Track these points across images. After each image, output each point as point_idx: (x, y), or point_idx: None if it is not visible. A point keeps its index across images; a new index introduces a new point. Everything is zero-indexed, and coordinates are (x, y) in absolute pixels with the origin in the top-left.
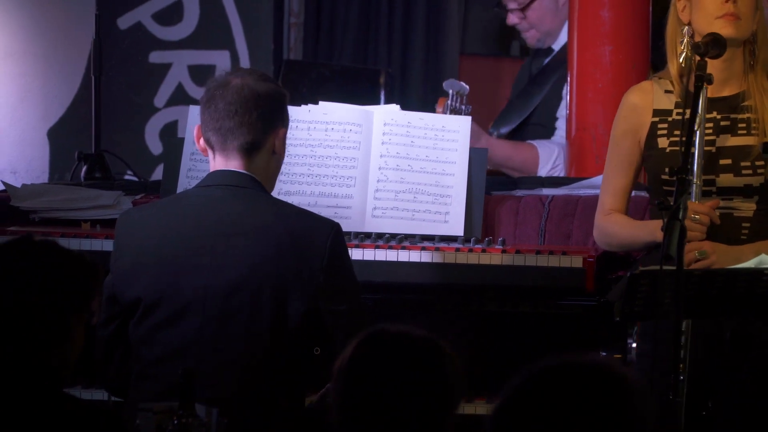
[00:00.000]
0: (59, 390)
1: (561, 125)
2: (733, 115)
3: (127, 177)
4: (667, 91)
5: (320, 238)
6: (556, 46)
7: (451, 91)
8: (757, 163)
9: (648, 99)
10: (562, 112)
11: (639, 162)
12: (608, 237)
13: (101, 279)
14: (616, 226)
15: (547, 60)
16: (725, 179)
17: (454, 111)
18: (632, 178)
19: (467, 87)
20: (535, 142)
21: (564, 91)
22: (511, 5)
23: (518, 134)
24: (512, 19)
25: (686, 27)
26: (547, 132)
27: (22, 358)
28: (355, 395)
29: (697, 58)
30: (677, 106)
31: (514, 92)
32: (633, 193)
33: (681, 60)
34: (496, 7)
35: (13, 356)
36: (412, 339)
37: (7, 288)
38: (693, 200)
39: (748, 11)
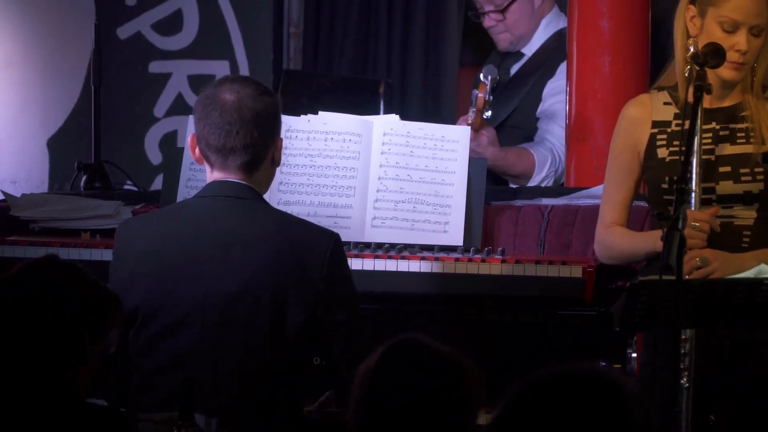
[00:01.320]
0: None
1: (543, 125)
2: (731, 125)
3: (126, 187)
4: (665, 103)
5: (319, 248)
6: (527, 51)
7: (490, 77)
8: (756, 170)
9: (647, 111)
10: (542, 114)
11: (639, 174)
12: (609, 249)
13: (121, 311)
14: (616, 239)
15: (519, 65)
16: (725, 187)
17: (489, 97)
18: (632, 191)
19: (497, 70)
20: (532, 150)
21: (544, 92)
22: (488, 7)
23: (498, 135)
24: (489, 21)
25: (692, 39)
26: (525, 133)
27: (37, 376)
28: (377, 401)
29: (697, 67)
30: (676, 117)
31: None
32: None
33: (686, 72)
34: (470, 12)
35: (29, 373)
36: (438, 351)
37: (27, 309)
38: (693, 208)
39: (755, 56)
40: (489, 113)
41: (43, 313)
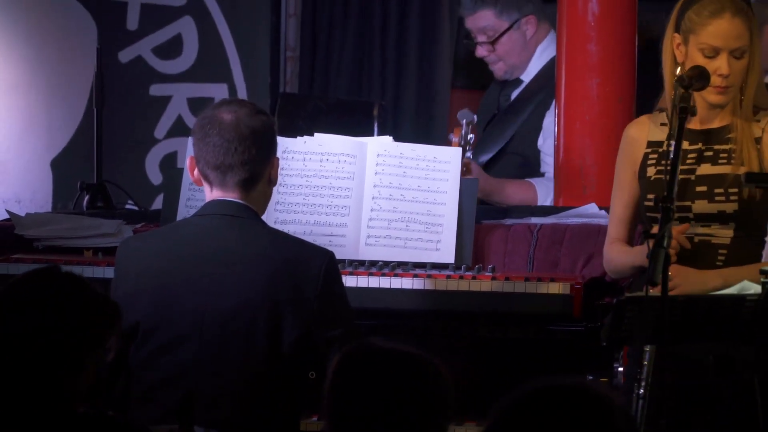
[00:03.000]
0: (70, 408)
1: (546, 159)
2: (716, 146)
3: (128, 206)
4: (662, 124)
5: (314, 266)
6: (525, 77)
7: (464, 121)
8: (731, 190)
9: (644, 132)
10: (543, 146)
11: (638, 192)
12: (609, 263)
13: (120, 318)
14: (615, 254)
15: (518, 91)
16: (700, 206)
17: (466, 139)
18: (633, 208)
19: (476, 117)
20: (533, 181)
21: (544, 122)
22: (480, 38)
23: (496, 163)
24: (481, 51)
25: (679, 66)
26: (526, 161)
27: (34, 383)
28: (341, 407)
29: (682, 90)
30: (669, 137)
31: (480, 121)
32: None
33: (676, 98)
34: (465, 39)
35: (26, 379)
36: (397, 352)
37: (26, 316)
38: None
39: (739, 79)
40: (469, 154)
41: (43, 321)
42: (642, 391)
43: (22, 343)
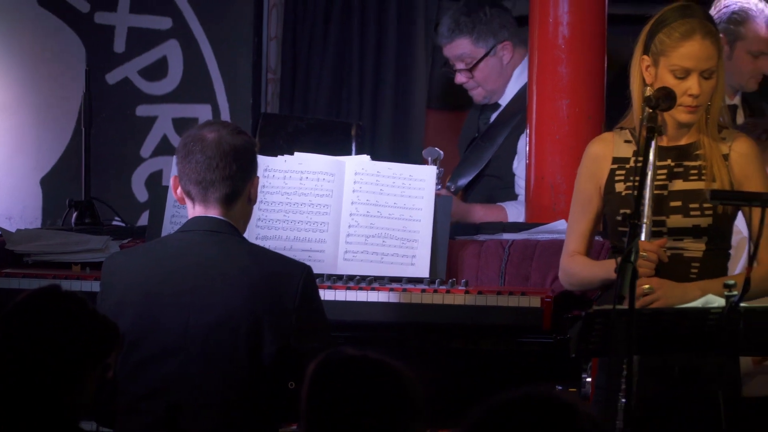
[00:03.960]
0: (74, 425)
1: (520, 182)
2: (686, 162)
3: (114, 223)
4: (626, 141)
5: (293, 280)
6: (503, 101)
7: (429, 159)
8: (705, 205)
9: (609, 148)
10: (517, 168)
11: (599, 207)
12: (570, 276)
13: (120, 337)
14: (577, 267)
15: (495, 115)
16: (675, 220)
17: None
18: (594, 222)
19: (442, 153)
20: (504, 204)
21: (519, 145)
22: (459, 65)
23: (475, 186)
24: (460, 78)
25: (648, 87)
26: (503, 184)
27: (38, 399)
28: (317, 414)
29: (649, 110)
30: (635, 154)
31: (462, 144)
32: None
33: (644, 117)
34: (443, 67)
35: (31, 396)
36: (368, 360)
37: (30, 335)
38: (643, 239)
39: (707, 98)
40: (438, 187)
41: (47, 340)
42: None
43: (27, 360)
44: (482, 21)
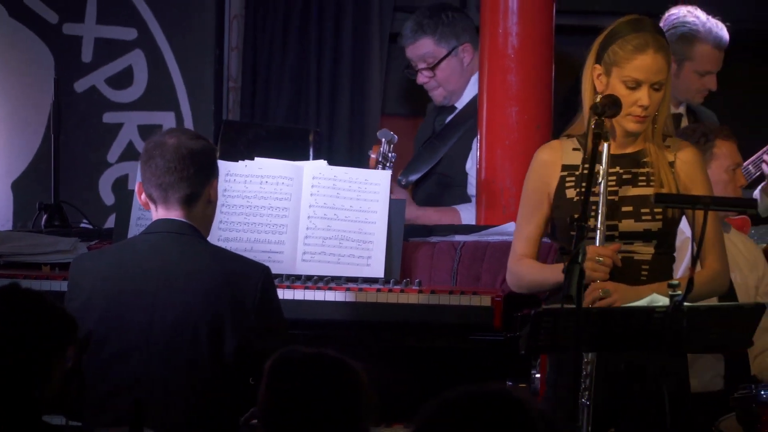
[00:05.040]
0: (39, 419)
1: (473, 182)
2: (634, 170)
3: (83, 225)
4: (574, 149)
5: (252, 280)
6: (459, 104)
7: (384, 140)
8: (656, 210)
9: (557, 156)
10: (471, 169)
11: (547, 212)
12: (518, 279)
13: (77, 329)
14: (525, 269)
15: (450, 117)
16: (626, 225)
17: (385, 156)
18: (541, 227)
19: (396, 137)
20: (458, 207)
21: (473, 147)
22: (421, 65)
23: (425, 182)
24: (422, 78)
25: (599, 95)
26: (452, 182)
27: (7, 393)
28: (273, 408)
29: (596, 117)
30: (584, 161)
31: (417, 143)
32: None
33: (592, 124)
34: (405, 69)
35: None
36: (320, 356)
37: None
38: (597, 244)
39: (655, 109)
40: (389, 170)
41: (12, 338)
42: (585, 399)
43: None
44: (444, 23)
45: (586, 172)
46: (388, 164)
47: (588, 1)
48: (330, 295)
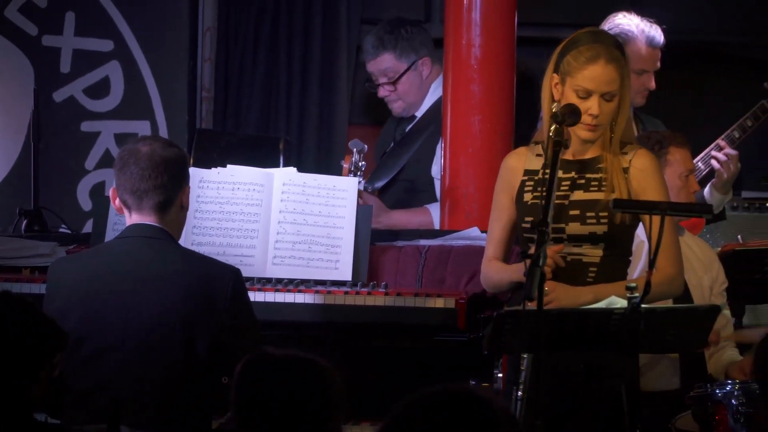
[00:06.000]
0: (30, 418)
1: (438, 185)
2: (588, 175)
3: (61, 230)
4: (538, 155)
5: (223, 282)
6: (419, 113)
7: (355, 149)
8: (601, 214)
9: (522, 161)
10: (438, 174)
11: (514, 216)
12: (487, 280)
13: (66, 339)
14: (492, 271)
15: (411, 125)
16: (573, 228)
17: (356, 165)
18: (510, 230)
19: (366, 146)
20: (430, 207)
21: (438, 153)
22: (382, 80)
23: (390, 188)
24: (383, 92)
25: (556, 103)
26: (416, 187)
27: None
28: (245, 407)
29: (555, 125)
30: (544, 167)
31: (378, 152)
32: None
33: (551, 132)
34: (366, 83)
35: None
36: (291, 357)
37: None
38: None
39: (608, 118)
40: (361, 179)
41: (4, 344)
42: (520, 393)
43: None
44: (404, 38)
45: (543, 177)
46: (359, 173)
47: (548, 14)
48: (300, 298)
